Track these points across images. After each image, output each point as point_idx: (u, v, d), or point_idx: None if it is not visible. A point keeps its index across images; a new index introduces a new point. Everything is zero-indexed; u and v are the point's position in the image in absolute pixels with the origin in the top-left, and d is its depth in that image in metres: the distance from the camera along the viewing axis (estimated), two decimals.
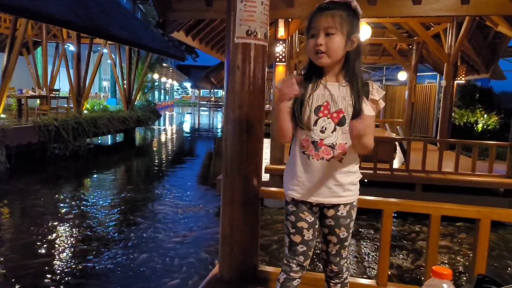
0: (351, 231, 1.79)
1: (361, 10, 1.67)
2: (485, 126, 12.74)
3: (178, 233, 5.36)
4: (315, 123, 1.68)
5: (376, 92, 1.67)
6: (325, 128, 1.67)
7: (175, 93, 58.31)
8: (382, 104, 1.69)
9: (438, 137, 9.44)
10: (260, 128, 2.70)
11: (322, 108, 1.68)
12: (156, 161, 11.42)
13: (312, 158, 1.70)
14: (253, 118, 2.60)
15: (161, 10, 5.16)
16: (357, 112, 1.61)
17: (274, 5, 4.85)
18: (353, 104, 1.64)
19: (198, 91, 52.98)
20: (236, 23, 2.51)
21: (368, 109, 1.56)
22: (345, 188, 1.72)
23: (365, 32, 8.12)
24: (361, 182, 1.80)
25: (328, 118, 1.67)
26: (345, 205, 1.75)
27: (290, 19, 6.43)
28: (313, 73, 1.73)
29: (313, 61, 1.69)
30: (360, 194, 1.84)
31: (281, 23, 6.37)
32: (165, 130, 20.22)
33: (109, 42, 13.19)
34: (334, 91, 1.67)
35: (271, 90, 18.72)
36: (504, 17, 5.65)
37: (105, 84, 27.86)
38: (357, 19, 1.66)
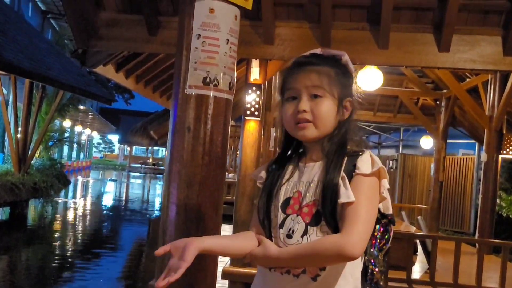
0: None
1: (353, 68, 1.81)
2: None
3: None
4: (282, 224, 1.72)
5: (366, 162, 1.65)
6: (293, 231, 1.69)
7: (94, 149, 57.93)
8: (385, 185, 1.67)
9: (477, 234, 9.64)
10: (216, 216, 2.75)
11: (291, 202, 1.73)
12: (57, 253, 11.08)
13: (274, 271, 1.72)
14: (206, 201, 2.66)
15: (81, 37, 5.28)
16: (328, 201, 1.63)
17: (246, 40, 5.11)
18: (322, 188, 1.66)
19: (129, 148, 52.83)
20: (190, 66, 2.63)
21: (346, 195, 1.59)
22: None
23: (374, 79, 8.51)
24: None
25: (297, 216, 1.70)
26: None
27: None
28: (291, 153, 1.83)
29: (292, 133, 1.77)
30: None
31: (255, 63, 6.62)
32: (75, 204, 19.82)
33: None
34: (308, 176, 1.73)
35: (237, 153, 18.85)
36: None
37: None
38: (349, 78, 1.79)
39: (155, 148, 48.70)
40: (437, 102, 12.22)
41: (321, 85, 1.70)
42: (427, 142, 14.29)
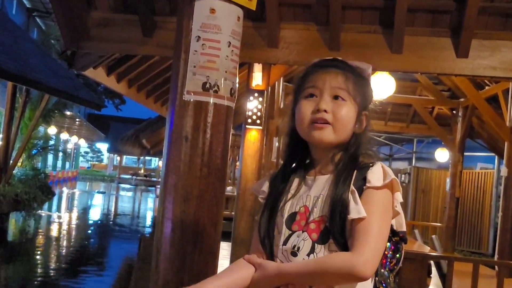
0: None
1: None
2: None
3: None
4: (286, 241, 1.72)
5: (377, 174, 1.65)
6: (298, 248, 1.69)
7: (81, 158, 57.89)
8: (398, 199, 1.68)
9: (496, 256, 9.62)
10: (215, 233, 2.75)
11: (297, 217, 1.72)
12: (39, 270, 11.06)
13: None
14: (204, 217, 2.66)
15: (71, 37, 5.30)
16: (337, 217, 1.62)
17: (248, 42, 5.11)
18: (330, 204, 1.65)
19: (119, 158, 52.82)
20: (188, 71, 2.64)
21: (356, 210, 1.59)
22: None
23: (386, 86, 8.52)
24: None
25: (303, 232, 1.69)
26: None
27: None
28: (298, 161, 1.82)
29: (305, 134, 1.75)
30: None
31: (257, 67, 6.64)
32: (59, 218, 19.81)
33: None
34: (317, 190, 1.73)
35: (237, 165, 18.86)
36: None
37: None
38: (369, 92, 1.81)
39: (147, 158, 48.69)
40: (454, 112, 12.22)
41: (347, 89, 1.71)
42: (442, 155, 14.29)
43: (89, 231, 17.53)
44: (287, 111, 1.87)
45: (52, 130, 26.68)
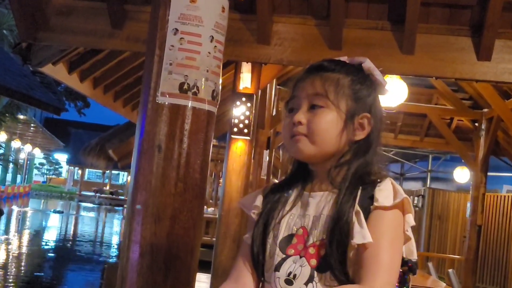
0: None
1: (383, 80, 1.83)
2: None
3: None
4: (279, 266, 1.73)
5: (386, 192, 1.67)
6: (294, 276, 1.70)
7: (35, 171, 57.66)
8: (409, 221, 1.69)
9: None
10: (192, 260, 2.76)
11: (294, 240, 1.74)
12: None
13: None
14: (179, 241, 2.66)
15: (27, 27, 5.28)
16: (337, 242, 1.63)
17: (235, 38, 5.14)
18: (329, 227, 1.66)
19: (80, 171, 52.66)
20: (163, 69, 2.66)
21: (361, 234, 1.60)
22: None
23: (397, 93, 8.57)
24: None
25: (301, 258, 1.71)
26: None
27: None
28: (298, 177, 1.85)
29: (288, 149, 1.81)
30: None
31: (246, 67, 6.65)
32: (7, 241, 19.72)
33: None
34: (316, 208, 1.75)
35: (220, 182, 18.83)
36: None
37: None
38: (370, 90, 1.81)
39: (114, 172, 48.70)
40: (476, 124, 12.26)
41: (325, 94, 1.73)
42: (462, 175, 14.33)
43: (43, 258, 17.45)
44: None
45: (1, 136, 26.62)
